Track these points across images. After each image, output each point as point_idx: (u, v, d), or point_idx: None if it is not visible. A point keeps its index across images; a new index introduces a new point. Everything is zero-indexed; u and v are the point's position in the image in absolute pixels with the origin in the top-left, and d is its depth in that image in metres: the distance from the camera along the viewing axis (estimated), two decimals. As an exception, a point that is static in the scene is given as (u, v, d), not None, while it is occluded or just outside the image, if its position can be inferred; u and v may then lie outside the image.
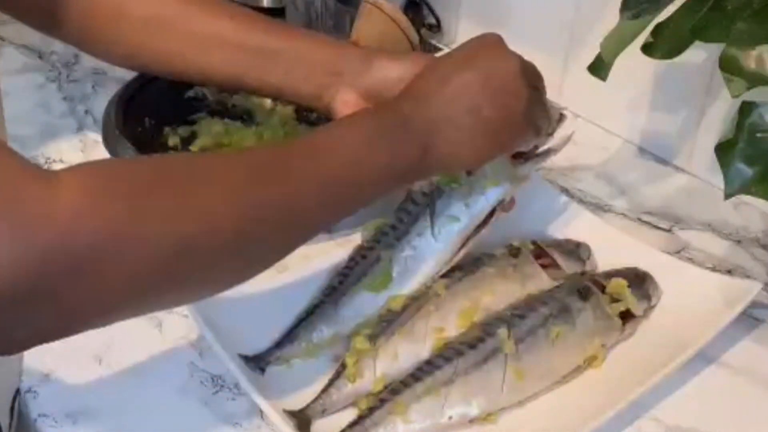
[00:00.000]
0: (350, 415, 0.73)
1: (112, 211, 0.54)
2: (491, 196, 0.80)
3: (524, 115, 0.74)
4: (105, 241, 0.53)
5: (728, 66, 0.68)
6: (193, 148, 0.97)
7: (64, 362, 0.77)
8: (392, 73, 0.80)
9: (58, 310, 0.53)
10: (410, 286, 0.79)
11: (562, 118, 0.82)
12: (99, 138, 0.95)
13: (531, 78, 0.76)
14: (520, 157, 0.80)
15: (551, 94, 1.11)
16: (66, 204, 0.52)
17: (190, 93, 1.02)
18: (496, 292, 0.80)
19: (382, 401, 0.73)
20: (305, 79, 0.81)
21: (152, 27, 0.83)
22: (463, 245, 0.80)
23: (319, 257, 0.84)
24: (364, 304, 0.79)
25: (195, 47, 0.82)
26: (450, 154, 0.72)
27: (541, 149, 0.81)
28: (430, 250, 0.79)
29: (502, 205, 0.80)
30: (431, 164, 0.72)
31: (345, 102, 0.81)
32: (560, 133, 0.82)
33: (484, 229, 0.80)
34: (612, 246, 0.86)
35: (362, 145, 0.69)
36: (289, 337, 0.78)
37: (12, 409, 0.75)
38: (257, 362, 0.76)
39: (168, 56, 0.84)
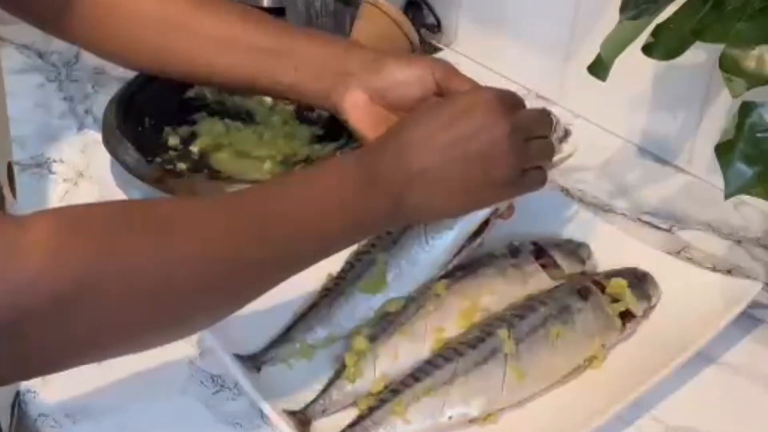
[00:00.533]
0: (350, 415, 0.73)
1: (81, 255, 0.54)
2: None
3: (507, 181, 0.73)
4: (72, 285, 0.53)
5: (728, 66, 0.68)
6: (193, 148, 0.97)
7: (64, 362, 0.77)
8: (401, 76, 0.80)
9: (24, 351, 0.53)
10: (404, 290, 0.79)
11: (567, 134, 0.81)
12: (99, 138, 0.95)
13: (529, 130, 0.74)
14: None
15: (551, 94, 1.12)
16: (35, 247, 0.52)
17: (190, 93, 1.02)
18: (496, 292, 0.80)
19: (382, 401, 0.73)
20: (315, 79, 0.82)
21: (163, 28, 0.83)
22: (458, 252, 0.79)
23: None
24: (359, 306, 0.79)
25: (206, 49, 0.83)
26: (424, 207, 0.71)
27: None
28: (424, 257, 0.79)
29: (499, 213, 0.80)
30: (402, 216, 0.72)
31: (353, 102, 0.81)
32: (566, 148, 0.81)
33: (480, 238, 0.80)
34: (612, 246, 0.86)
35: (333, 198, 0.68)
36: (284, 337, 0.78)
37: (13, 408, 0.75)
38: (252, 362, 0.76)
39: (179, 57, 0.84)
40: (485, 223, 0.79)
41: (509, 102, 0.73)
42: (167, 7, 0.83)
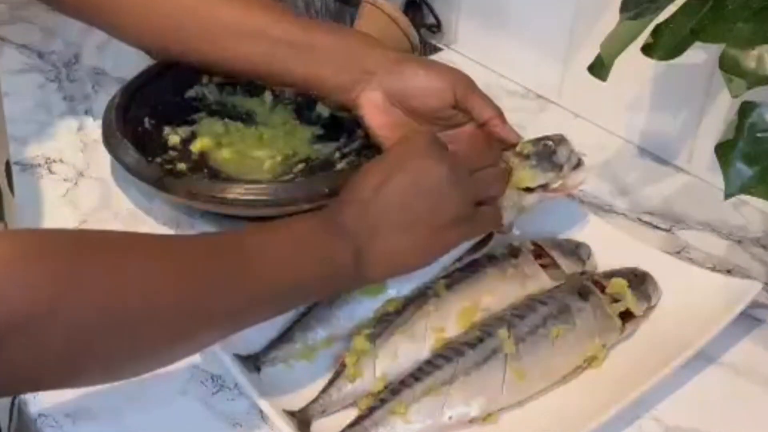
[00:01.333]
0: (350, 415, 0.73)
1: (36, 281, 0.54)
2: None
3: (458, 219, 0.73)
4: (27, 312, 0.53)
5: (728, 66, 0.68)
6: (193, 148, 0.97)
7: (64, 362, 0.77)
8: (421, 84, 0.81)
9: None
10: (404, 291, 0.79)
11: (580, 163, 0.83)
12: (99, 138, 0.95)
13: (471, 163, 0.75)
14: (530, 191, 0.81)
15: (551, 94, 1.12)
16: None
17: (190, 93, 1.02)
18: (496, 292, 0.80)
19: (382, 401, 0.73)
20: (335, 73, 0.82)
21: (181, 14, 0.84)
22: (459, 259, 0.81)
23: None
24: (359, 306, 0.79)
25: (228, 35, 0.83)
26: (391, 258, 0.71)
27: (551, 186, 0.82)
28: None
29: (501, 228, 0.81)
30: (368, 270, 0.71)
31: (371, 100, 0.82)
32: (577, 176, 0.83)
33: (483, 250, 0.81)
34: (612, 246, 0.86)
35: (291, 250, 0.68)
36: (284, 337, 0.78)
37: (12, 408, 0.75)
38: (252, 362, 0.76)
39: (198, 41, 0.84)
40: (489, 236, 0.80)
41: (440, 143, 0.74)
42: None
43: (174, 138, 0.98)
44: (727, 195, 0.71)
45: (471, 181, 0.74)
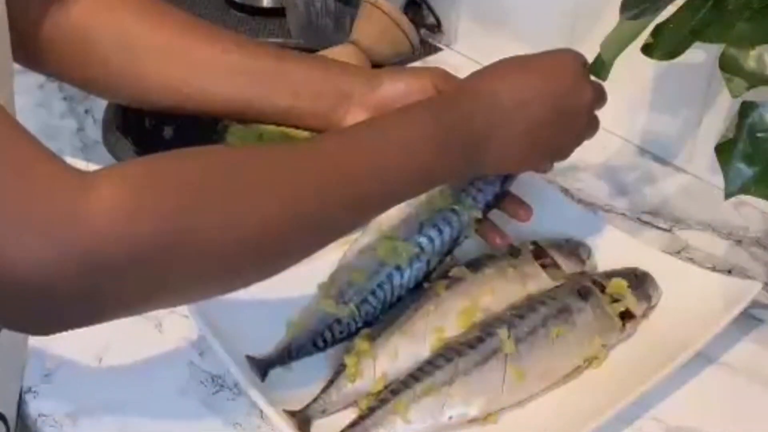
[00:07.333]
0: (350, 415, 0.73)
1: (156, 217, 0.54)
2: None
3: (566, 148, 0.78)
4: (149, 247, 0.53)
5: (728, 66, 0.68)
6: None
7: (64, 362, 0.77)
8: (400, 88, 0.80)
9: (97, 305, 0.54)
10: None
11: None
12: (99, 138, 0.95)
13: (598, 105, 0.78)
14: None
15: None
16: (104, 206, 0.52)
17: (190, 93, 1.02)
18: (496, 292, 0.80)
19: (382, 401, 0.73)
20: (313, 101, 0.81)
21: (153, 55, 0.79)
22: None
23: (319, 257, 0.84)
24: None
25: (201, 74, 0.80)
26: (495, 160, 0.73)
27: None
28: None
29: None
30: (476, 166, 0.73)
31: (354, 121, 0.80)
32: None
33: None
34: (612, 246, 0.86)
35: (423, 145, 0.69)
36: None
37: (19, 403, 0.75)
38: (260, 366, 0.75)
39: (168, 84, 0.80)
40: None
41: (588, 71, 0.77)
42: (156, 34, 0.79)
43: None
44: (727, 195, 0.71)
45: (593, 119, 0.79)
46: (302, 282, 0.80)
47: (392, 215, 0.78)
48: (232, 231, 0.57)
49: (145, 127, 0.97)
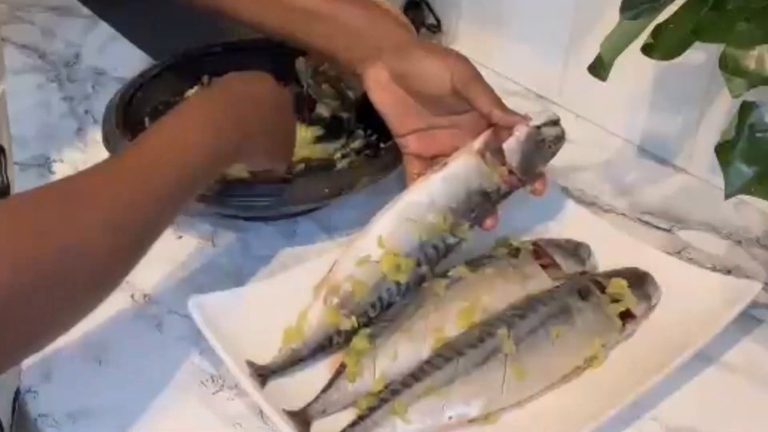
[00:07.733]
0: (350, 415, 0.73)
1: (13, 243, 0.56)
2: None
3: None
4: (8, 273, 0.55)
5: (728, 66, 0.68)
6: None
7: (64, 362, 0.77)
8: (421, 67, 0.83)
9: None
10: None
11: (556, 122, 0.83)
12: (99, 138, 0.95)
13: None
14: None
15: (551, 94, 1.12)
16: None
17: (190, 93, 1.02)
18: (496, 292, 0.80)
19: (382, 401, 0.73)
20: (346, 49, 0.86)
21: None
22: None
23: (317, 257, 0.85)
24: None
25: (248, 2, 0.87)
26: (266, 149, 0.80)
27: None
28: None
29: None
30: (247, 151, 0.76)
31: (376, 79, 0.85)
32: None
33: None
34: (612, 246, 0.86)
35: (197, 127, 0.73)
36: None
37: (13, 407, 0.75)
38: (260, 373, 0.75)
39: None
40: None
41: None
42: None
43: (174, 138, 0.97)
44: (727, 195, 0.71)
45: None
46: (300, 282, 0.80)
47: (394, 231, 0.79)
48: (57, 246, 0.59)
49: (145, 127, 0.97)
